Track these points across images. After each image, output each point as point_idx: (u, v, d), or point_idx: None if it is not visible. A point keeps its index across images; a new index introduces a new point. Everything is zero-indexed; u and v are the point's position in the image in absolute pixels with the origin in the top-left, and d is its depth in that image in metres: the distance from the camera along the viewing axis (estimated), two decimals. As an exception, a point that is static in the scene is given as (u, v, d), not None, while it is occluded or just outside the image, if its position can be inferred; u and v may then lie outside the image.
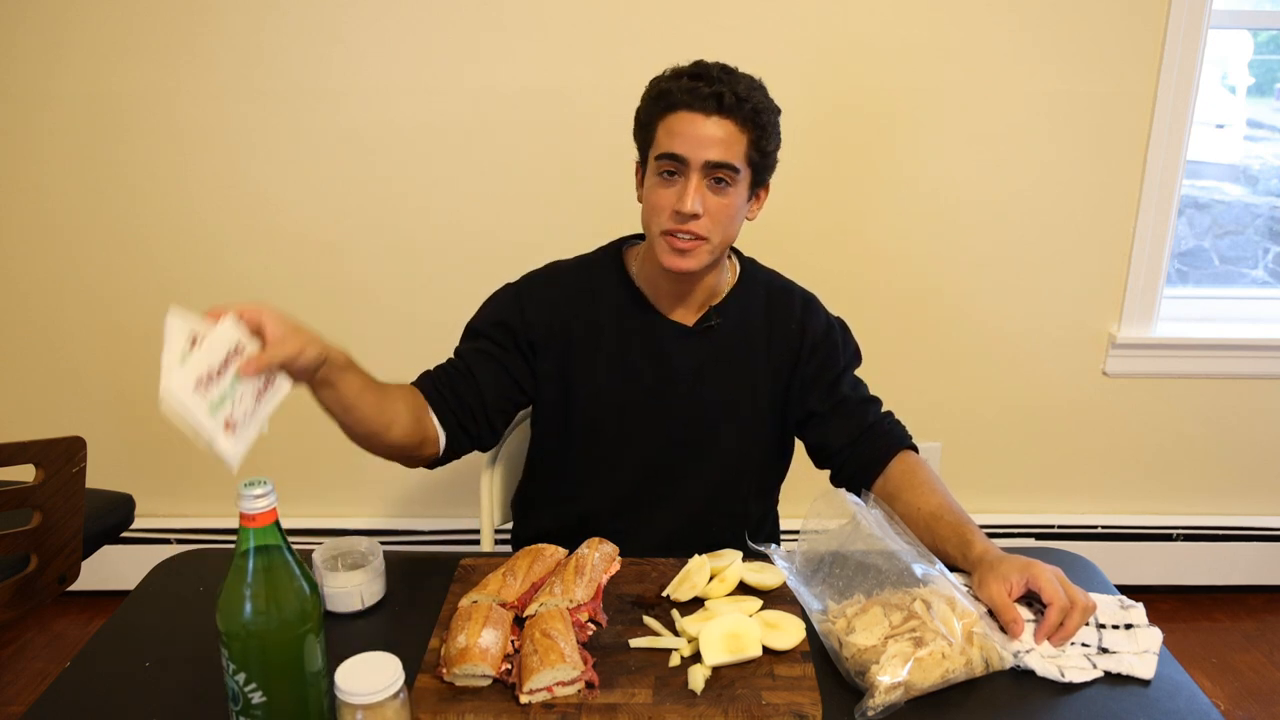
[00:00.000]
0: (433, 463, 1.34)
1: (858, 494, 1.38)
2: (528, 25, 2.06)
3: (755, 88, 1.25)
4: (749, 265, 1.45)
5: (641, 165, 1.33)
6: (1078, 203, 2.20)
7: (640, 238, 1.41)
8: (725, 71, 1.24)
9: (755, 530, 1.47)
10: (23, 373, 2.30)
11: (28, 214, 2.19)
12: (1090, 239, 2.23)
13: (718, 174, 1.24)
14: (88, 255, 2.21)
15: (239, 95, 2.10)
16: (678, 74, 1.26)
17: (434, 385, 1.32)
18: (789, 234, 2.19)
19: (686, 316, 1.38)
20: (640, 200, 1.32)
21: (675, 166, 1.24)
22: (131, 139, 2.13)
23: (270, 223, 2.19)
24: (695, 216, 1.24)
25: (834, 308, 1.47)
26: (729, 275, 1.41)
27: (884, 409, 1.43)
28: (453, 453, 1.34)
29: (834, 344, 1.41)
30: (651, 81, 1.29)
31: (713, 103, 1.21)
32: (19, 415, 2.32)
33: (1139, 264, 2.24)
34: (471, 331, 1.40)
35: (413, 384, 1.34)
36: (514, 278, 1.45)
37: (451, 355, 1.39)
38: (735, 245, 1.44)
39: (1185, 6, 2.05)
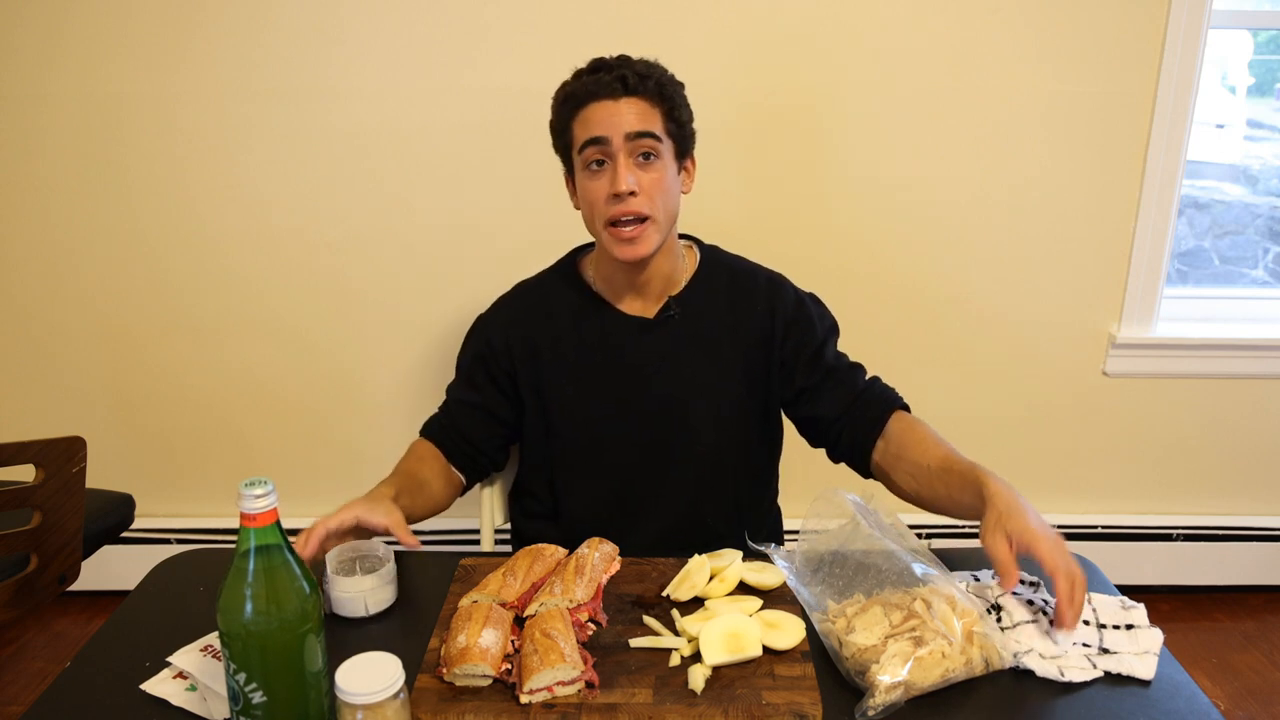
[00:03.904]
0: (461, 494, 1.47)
1: (860, 467, 1.37)
2: (527, 26, 2.06)
3: (654, 65, 1.30)
4: (710, 252, 1.44)
5: (569, 174, 1.36)
6: (1078, 203, 2.20)
7: (594, 246, 1.43)
8: (622, 58, 1.29)
9: (757, 522, 1.47)
10: (23, 373, 2.30)
11: (27, 214, 2.19)
12: (1090, 239, 2.23)
13: (643, 147, 1.26)
14: (88, 256, 2.21)
15: (238, 96, 2.10)
16: (578, 74, 1.31)
17: (439, 439, 1.42)
18: (788, 234, 2.19)
19: (646, 309, 1.38)
20: (577, 208, 1.35)
21: (601, 153, 1.27)
22: (130, 140, 2.13)
23: (269, 223, 2.19)
24: (632, 194, 1.25)
25: (834, 309, 1.47)
26: (687, 263, 1.41)
27: (869, 375, 1.42)
28: (472, 484, 1.48)
29: (808, 317, 1.40)
30: (556, 90, 1.33)
31: (619, 86, 1.26)
32: (19, 415, 2.32)
33: (1139, 264, 2.24)
34: (458, 370, 1.45)
35: (423, 436, 1.43)
36: (513, 277, 1.47)
37: (445, 395, 1.45)
38: (701, 237, 1.45)
39: (1185, 6, 2.05)
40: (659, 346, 1.37)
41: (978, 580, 1.20)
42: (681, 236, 1.45)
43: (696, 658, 1.04)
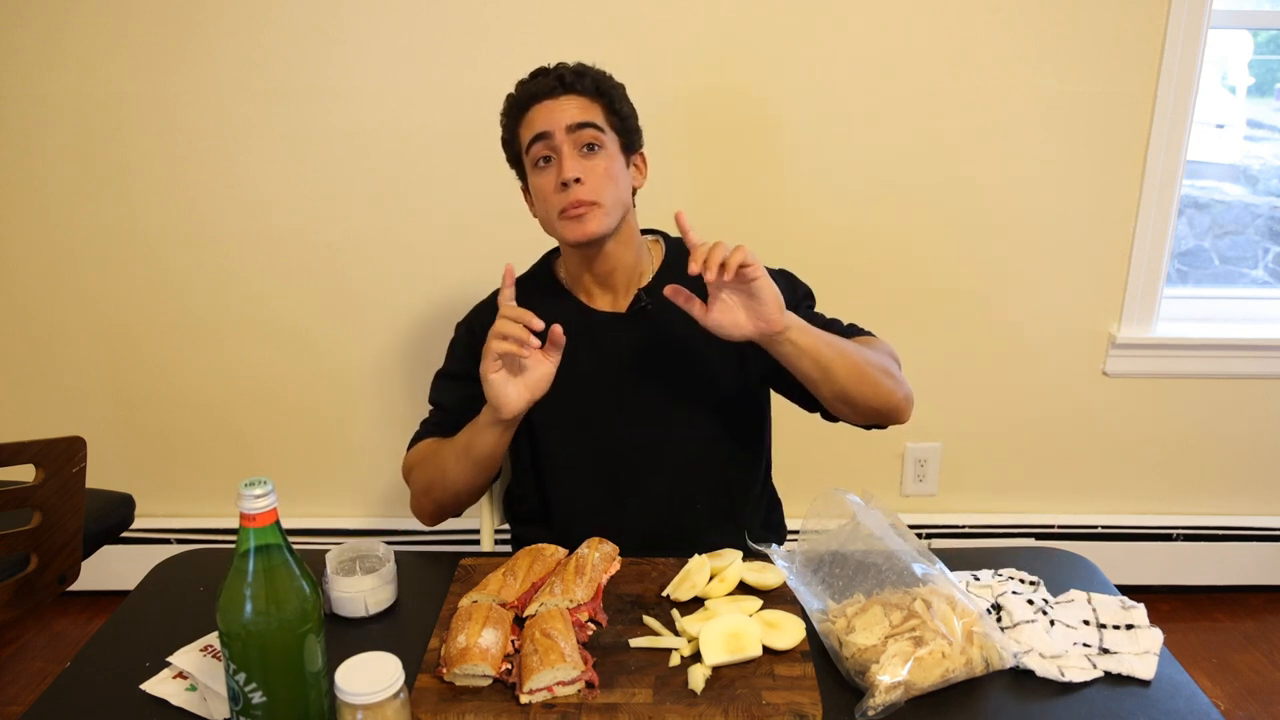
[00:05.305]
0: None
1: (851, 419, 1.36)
2: (527, 26, 2.06)
3: (590, 66, 1.35)
4: (676, 244, 1.46)
5: (525, 186, 1.39)
6: (1078, 203, 2.20)
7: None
8: (559, 63, 1.35)
9: (753, 510, 1.47)
10: (23, 373, 2.30)
11: (27, 215, 2.19)
12: (1090, 239, 2.23)
13: (585, 138, 1.30)
14: (88, 256, 2.21)
15: (238, 96, 2.10)
16: (519, 84, 1.36)
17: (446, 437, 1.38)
18: (787, 237, 2.19)
19: (618, 304, 1.40)
20: (535, 215, 1.38)
21: (546, 148, 1.30)
22: (130, 140, 2.13)
23: (269, 223, 2.19)
24: (578, 181, 1.28)
25: (835, 308, 1.47)
26: (653, 258, 1.43)
27: (847, 324, 1.42)
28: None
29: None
30: (502, 106, 1.37)
31: (557, 84, 1.31)
32: (19, 415, 2.33)
33: (1139, 264, 2.24)
34: (445, 376, 1.44)
35: (429, 442, 1.40)
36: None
37: (430, 407, 1.43)
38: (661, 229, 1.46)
39: (1185, 6, 2.05)
40: (634, 339, 1.38)
41: (978, 580, 1.20)
42: (648, 231, 1.46)
43: (696, 658, 1.04)
